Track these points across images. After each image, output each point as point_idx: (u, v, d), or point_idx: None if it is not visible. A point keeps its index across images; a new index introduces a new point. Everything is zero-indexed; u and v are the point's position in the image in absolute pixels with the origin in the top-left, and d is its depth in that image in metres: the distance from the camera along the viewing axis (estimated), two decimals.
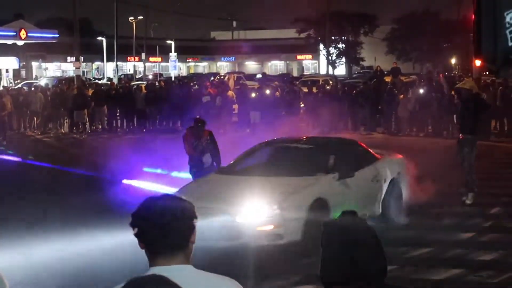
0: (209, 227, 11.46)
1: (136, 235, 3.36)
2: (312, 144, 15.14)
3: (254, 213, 11.98)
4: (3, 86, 45.42)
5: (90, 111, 35.96)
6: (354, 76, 75.72)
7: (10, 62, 62.69)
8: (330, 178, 13.31)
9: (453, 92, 20.28)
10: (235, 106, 34.72)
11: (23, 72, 72.54)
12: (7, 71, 63.38)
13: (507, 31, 4.87)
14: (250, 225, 11.84)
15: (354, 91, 33.90)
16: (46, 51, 78.05)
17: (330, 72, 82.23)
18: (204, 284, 3.31)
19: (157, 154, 20.93)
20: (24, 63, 71.66)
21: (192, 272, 3.35)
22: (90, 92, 38.90)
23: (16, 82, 60.25)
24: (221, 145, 16.25)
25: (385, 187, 14.40)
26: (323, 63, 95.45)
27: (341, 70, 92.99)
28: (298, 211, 12.15)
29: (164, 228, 3.31)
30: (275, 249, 11.82)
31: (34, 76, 73.60)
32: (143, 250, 3.39)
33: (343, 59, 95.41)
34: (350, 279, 3.33)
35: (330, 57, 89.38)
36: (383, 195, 14.33)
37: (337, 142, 15.72)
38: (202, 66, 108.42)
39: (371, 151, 15.20)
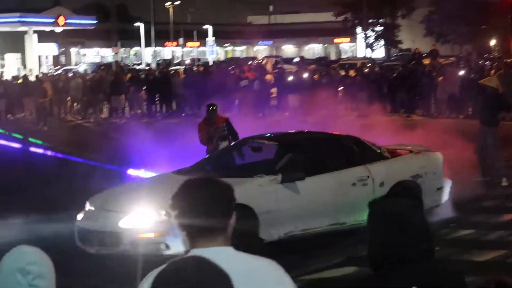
0: (94, 232, 11.02)
1: (176, 217, 3.38)
2: (282, 141, 13.16)
3: (138, 218, 10.84)
4: (43, 73, 45.81)
5: (128, 96, 36.25)
6: (392, 58, 75.28)
7: (50, 49, 63.26)
8: (266, 181, 11.69)
9: None
10: (274, 90, 34.73)
11: (62, 58, 73.05)
12: (46, 57, 63.98)
13: None
14: (131, 232, 10.70)
15: (392, 74, 33.75)
16: (85, 37, 78.53)
17: (368, 55, 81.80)
18: (244, 266, 3.32)
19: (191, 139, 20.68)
20: (64, 49, 72.14)
21: (232, 253, 3.36)
22: (128, 77, 39.22)
23: (55, 68, 60.74)
24: (259, 130, 15.99)
25: (382, 191, 12.35)
26: (360, 46, 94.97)
27: (379, 53, 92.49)
28: None
29: (204, 210, 3.32)
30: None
31: (74, 62, 74.12)
32: None
33: (381, 42, 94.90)
34: (397, 260, 3.34)
35: (367, 40, 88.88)
36: None
37: (318, 138, 13.56)
38: (239, 51, 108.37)
39: (376, 148, 13.14)
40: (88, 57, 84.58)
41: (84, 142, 25.36)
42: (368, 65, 42.02)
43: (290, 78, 34.80)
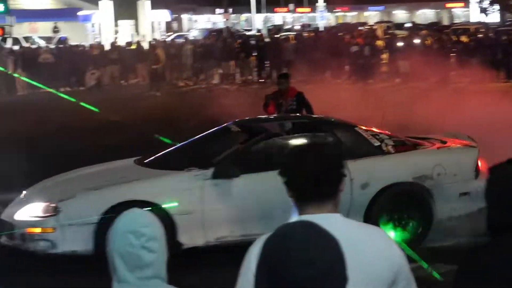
0: (2, 222, 10.16)
1: (286, 183, 3.38)
2: (246, 129, 11.26)
3: (31, 211, 9.87)
4: (156, 39, 46.53)
5: (239, 62, 36.50)
6: (507, 23, 73.47)
7: (163, 15, 64.06)
8: (190, 176, 9.97)
9: None
10: (384, 56, 34.44)
11: (174, 25, 73.90)
12: (159, 23, 64.81)
13: None
14: (22, 225, 9.76)
15: (507, 39, 32.97)
16: (196, 4, 79.27)
17: (482, 20, 79.99)
18: (354, 233, 3.32)
19: None
20: (176, 15, 72.95)
21: (340, 220, 3.36)
22: (238, 43, 39.45)
23: (168, 34, 61.52)
24: (368, 96, 15.70)
25: (364, 195, 10.18)
26: (474, 11, 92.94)
27: (493, 17, 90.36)
28: (89, 215, 9.49)
29: (316, 176, 3.31)
30: None
31: (186, 29, 74.97)
32: None
33: (496, 7, 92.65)
34: None
35: (481, 5, 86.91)
36: (364, 206, 10.16)
37: (294, 125, 11.37)
38: (350, 16, 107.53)
39: (375, 141, 10.76)
40: (200, 23, 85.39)
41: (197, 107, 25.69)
42: (481, 30, 41.13)
43: (401, 43, 34.41)
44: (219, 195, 9.90)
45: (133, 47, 39.54)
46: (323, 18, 74.76)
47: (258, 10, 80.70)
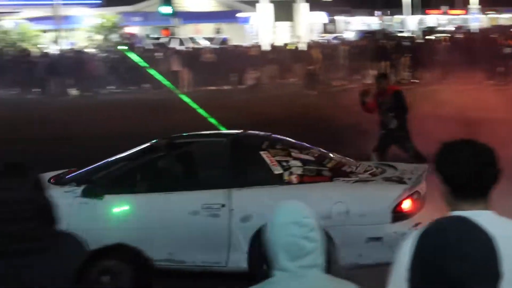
0: None
1: (445, 180, 3.39)
2: (153, 146, 10.08)
3: None
4: (312, 40, 47.86)
5: (392, 63, 37.22)
6: None
7: (320, 17, 65.68)
8: (61, 192, 8.94)
9: None
10: None
11: (330, 27, 75.05)
12: (316, 25, 66.37)
13: None
14: None
15: None
16: (351, 6, 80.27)
17: None
18: (507, 230, 3.24)
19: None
20: (332, 17, 74.20)
21: (494, 217, 3.34)
22: (391, 44, 40.15)
23: (323, 35, 62.73)
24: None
25: (245, 228, 8.83)
26: None
27: None
28: None
29: (478, 173, 3.32)
30: None
31: (341, 30, 76.15)
32: None
33: None
34: None
35: None
36: (246, 242, 8.84)
37: (198, 144, 10.35)
38: (504, 18, 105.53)
39: (276, 168, 9.17)
40: (354, 25, 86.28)
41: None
42: None
43: None
44: (87, 215, 8.96)
45: (292, 47, 40.91)
46: (476, 20, 74.25)
47: (413, 12, 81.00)
